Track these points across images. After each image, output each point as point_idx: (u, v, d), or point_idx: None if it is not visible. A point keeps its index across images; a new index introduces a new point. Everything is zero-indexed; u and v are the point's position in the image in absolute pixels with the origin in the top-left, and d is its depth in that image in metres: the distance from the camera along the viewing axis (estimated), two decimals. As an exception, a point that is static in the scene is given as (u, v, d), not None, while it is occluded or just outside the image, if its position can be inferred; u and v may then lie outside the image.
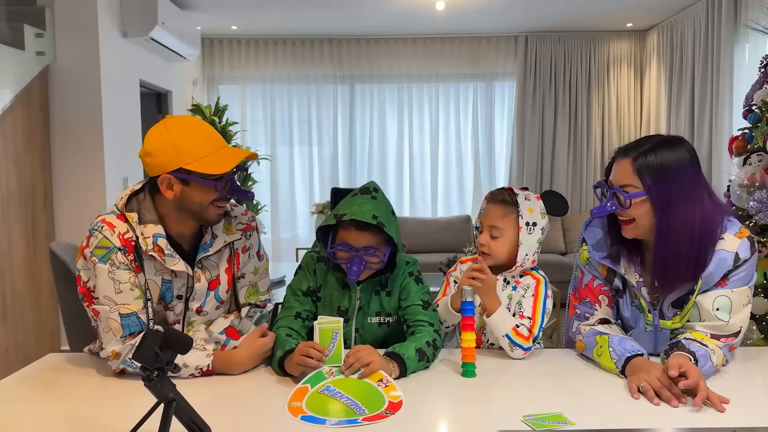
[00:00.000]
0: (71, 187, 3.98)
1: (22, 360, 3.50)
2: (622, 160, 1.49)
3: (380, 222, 1.55)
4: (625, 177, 1.47)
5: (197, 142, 1.49)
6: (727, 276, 1.48)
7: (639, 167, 1.45)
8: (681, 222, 1.44)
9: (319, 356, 1.44)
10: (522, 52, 6.43)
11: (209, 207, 1.52)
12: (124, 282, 1.48)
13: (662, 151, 1.45)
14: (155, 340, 1.03)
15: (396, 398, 1.34)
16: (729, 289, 1.48)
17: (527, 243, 1.66)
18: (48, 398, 1.38)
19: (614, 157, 1.53)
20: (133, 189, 1.57)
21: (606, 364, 1.52)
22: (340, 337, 1.48)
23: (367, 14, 5.65)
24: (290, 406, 1.31)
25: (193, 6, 5.20)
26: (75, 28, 3.91)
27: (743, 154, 3.01)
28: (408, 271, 1.71)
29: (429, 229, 6.24)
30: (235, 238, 1.64)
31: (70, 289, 1.89)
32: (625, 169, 1.47)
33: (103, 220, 1.52)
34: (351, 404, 1.32)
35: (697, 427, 1.21)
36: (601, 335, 1.55)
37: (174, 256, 1.53)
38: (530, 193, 1.72)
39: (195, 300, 1.60)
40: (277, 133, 6.64)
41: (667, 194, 1.44)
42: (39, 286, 3.78)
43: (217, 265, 1.63)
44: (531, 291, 1.68)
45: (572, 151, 6.54)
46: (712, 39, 4.96)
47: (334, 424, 1.24)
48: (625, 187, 1.47)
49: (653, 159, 1.45)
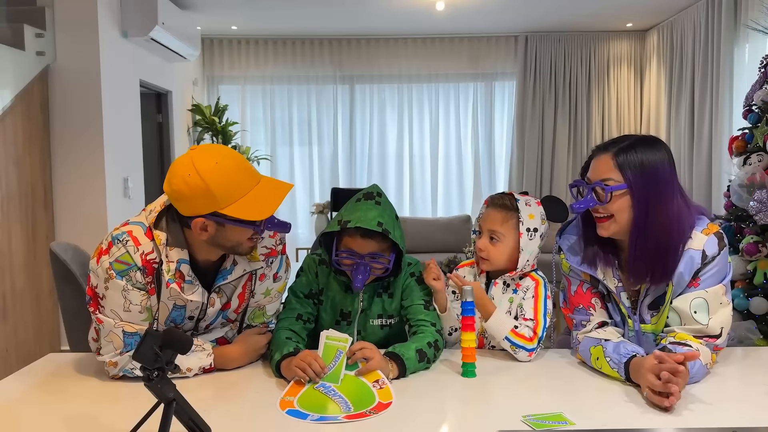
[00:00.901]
0: (71, 187, 3.98)
1: (22, 360, 3.50)
2: (602, 155, 1.50)
3: (385, 229, 1.54)
4: (606, 171, 1.48)
5: (231, 184, 1.37)
6: (697, 275, 1.47)
7: (620, 162, 1.47)
8: (659, 217, 1.45)
9: (319, 372, 1.41)
10: (522, 52, 6.43)
11: (244, 242, 1.47)
12: (135, 303, 1.44)
13: (642, 148, 1.48)
14: (155, 340, 1.03)
15: (386, 399, 1.34)
16: (703, 290, 1.47)
17: (528, 249, 1.66)
18: (48, 398, 1.38)
19: (592, 155, 1.55)
20: (164, 203, 1.48)
21: (609, 373, 1.47)
22: (343, 357, 1.45)
23: (367, 14, 5.65)
24: (282, 400, 1.34)
25: (193, 6, 5.20)
26: (75, 28, 3.91)
27: (743, 154, 3.01)
28: (409, 272, 1.71)
29: (429, 229, 6.23)
30: (257, 267, 1.57)
31: (70, 289, 1.89)
32: (606, 163, 1.49)
33: (130, 233, 1.44)
34: (340, 401, 1.33)
35: (697, 427, 1.20)
36: (596, 345, 1.51)
37: (194, 284, 1.48)
38: (531, 198, 1.70)
39: (205, 320, 1.59)
40: (277, 133, 6.64)
41: (647, 188, 1.45)
42: (39, 286, 3.78)
43: (234, 289, 1.59)
44: (531, 293, 1.68)
45: (572, 151, 6.54)
46: (712, 39, 4.96)
47: (315, 419, 1.25)
48: (605, 180, 1.48)
49: (634, 154, 1.47)
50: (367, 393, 1.37)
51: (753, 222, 2.88)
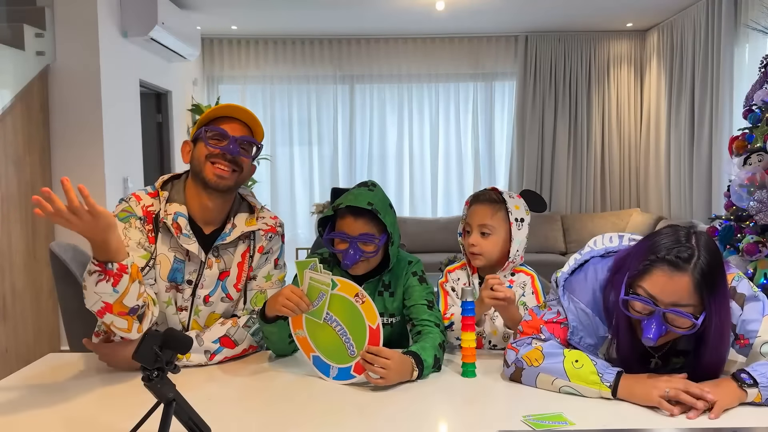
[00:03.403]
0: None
1: (22, 360, 3.50)
2: (680, 274, 1.24)
3: (375, 209, 1.57)
4: (685, 295, 1.24)
5: (216, 108, 1.63)
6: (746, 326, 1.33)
7: (702, 285, 1.24)
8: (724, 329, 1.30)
9: (306, 311, 1.49)
10: (522, 52, 6.43)
11: (206, 164, 1.59)
12: (134, 240, 1.57)
13: (709, 258, 1.26)
14: (155, 340, 1.03)
15: (373, 320, 1.45)
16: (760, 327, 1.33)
17: (518, 239, 1.70)
18: (48, 398, 1.38)
19: (651, 265, 1.27)
20: (176, 173, 1.71)
21: (583, 378, 1.32)
22: (325, 299, 1.49)
23: (367, 14, 5.65)
24: (298, 337, 1.52)
25: (193, 6, 5.20)
26: (75, 28, 3.91)
27: (743, 154, 3.02)
28: (411, 271, 1.71)
29: (429, 229, 6.24)
30: (253, 228, 1.66)
31: (70, 289, 1.89)
32: (684, 284, 1.24)
33: (134, 194, 1.63)
34: (341, 333, 1.47)
35: (697, 427, 1.20)
36: (571, 350, 1.38)
37: (190, 237, 1.59)
38: (511, 192, 1.77)
39: (204, 287, 1.62)
40: (277, 133, 6.64)
41: (720, 309, 1.27)
42: (39, 286, 3.78)
43: (232, 257, 1.65)
44: (530, 288, 1.70)
45: (572, 151, 6.54)
46: (712, 39, 4.96)
47: (335, 376, 1.47)
48: (683, 306, 1.25)
49: (713, 272, 1.25)
50: (355, 312, 1.47)
51: (753, 222, 2.88)
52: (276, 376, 1.52)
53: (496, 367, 1.56)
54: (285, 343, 1.59)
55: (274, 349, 1.63)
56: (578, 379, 1.33)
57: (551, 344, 1.40)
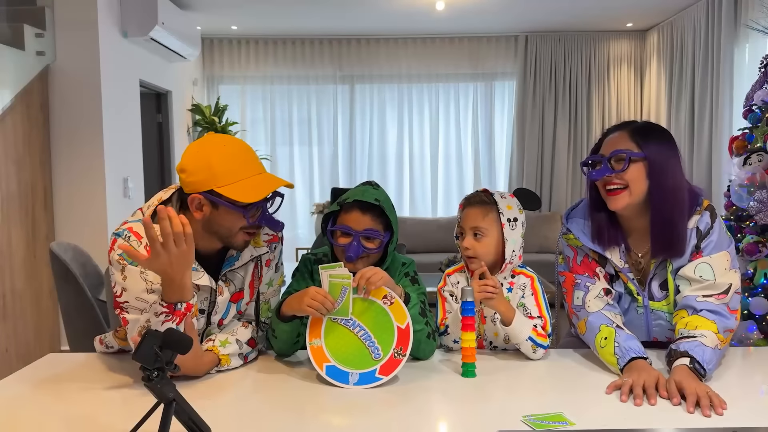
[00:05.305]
0: (71, 187, 3.98)
1: (22, 360, 3.50)
2: (617, 132, 1.57)
3: (382, 204, 1.60)
4: (622, 143, 1.54)
5: (232, 165, 1.43)
6: (698, 250, 1.54)
7: (636, 135, 1.54)
8: (674, 183, 1.52)
9: (331, 309, 1.47)
10: (522, 52, 6.43)
11: (237, 233, 1.48)
12: (156, 283, 1.39)
13: (652, 126, 1.60)
14: (155, 340, 1.03)
15: (402, 320, 1.46)
16: (706, 256, 1.53)
17: (512, 239, 1.68)
18: (48, 398, 1.38)
19: (605, 135, 1.61)
20: (161, 198, 1.50)
21: (605, 357, 1.51)
22: (349, 293, 1.47)
23: (367, 14, 5.65)
24: (312, 347, 1.47)
25: (193, 6, 5.20)
26: (75, 28, 3.91)
27: (743, 154, 3.01)
28: (404, 272, 1.72)
29: (429, 229, 6.24)
30: (262, 252, 1.60)
31: (70, 289, 1.90)
32: (622, 137, 1.55)
33: (130, 228, 1.45)
34: (365, 338, 1.46)
35: (697, 427, 1.20)
36: (609, 326, 1.54)
37: (198, 270, 1.48)
38: (504, 192, 1.76)
39: (217, 314, 1.58)
40: (277, 133, 6.64)
41: (661, 156, 1.52)
42: (39, 286, 3.79)
43: (243, 279, 1.60)
44: (529, 290, 1.69)
45: (572, 151, 6.54)
46: (712, 39, 4.96)
47: (355, 382, 1.41)
48: (621, 152, 1.52)
49: (647, 130, 1.56)
50: (382, 314, 1.48)
51: (753, 222, 2.88)
52: (276, 376, 1.52)
53: (496, 367, 1.57)
54: (291, 343, 1.59)
55: (280, 348, 1.62)
56: (602, 356, 1.53)
57: (597, 316, 1.57)
